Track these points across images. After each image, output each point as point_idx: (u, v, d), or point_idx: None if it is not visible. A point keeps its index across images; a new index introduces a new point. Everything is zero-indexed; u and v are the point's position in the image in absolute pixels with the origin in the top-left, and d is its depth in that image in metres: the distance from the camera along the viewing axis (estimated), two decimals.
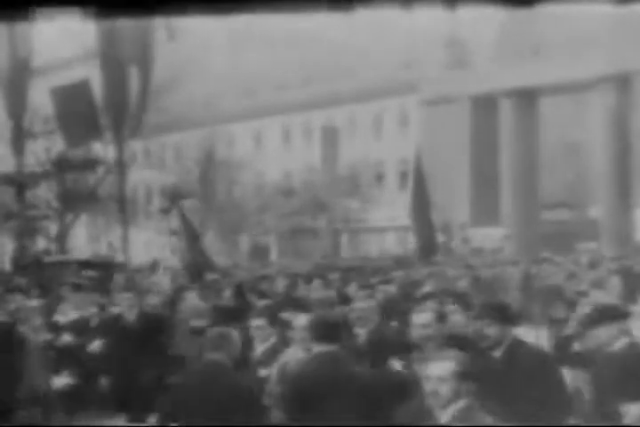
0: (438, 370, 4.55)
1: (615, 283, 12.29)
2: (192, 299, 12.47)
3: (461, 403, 4.53)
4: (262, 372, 7.25)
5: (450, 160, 42.61)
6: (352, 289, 12.55)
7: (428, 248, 22.00)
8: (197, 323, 11.03)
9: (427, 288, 12.62)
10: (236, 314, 11.39)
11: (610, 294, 11.22)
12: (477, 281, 15.56)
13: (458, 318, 7.55)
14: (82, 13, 3.76)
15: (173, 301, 12.69)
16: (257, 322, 7.72)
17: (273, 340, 7.59)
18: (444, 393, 4.51)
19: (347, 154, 46.32)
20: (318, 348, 6.14)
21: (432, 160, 43.95)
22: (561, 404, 6.04)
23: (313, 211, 45.85)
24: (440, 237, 42.22)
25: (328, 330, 6.19)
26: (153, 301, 12.05)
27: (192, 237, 16.49)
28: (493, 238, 40.47)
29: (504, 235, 40.84)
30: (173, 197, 28.68)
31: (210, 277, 15.17)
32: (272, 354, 7.43)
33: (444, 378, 4.51)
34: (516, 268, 19.86)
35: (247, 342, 7.85)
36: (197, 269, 15.80)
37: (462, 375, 4.54)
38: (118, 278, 18.23)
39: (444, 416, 4.54)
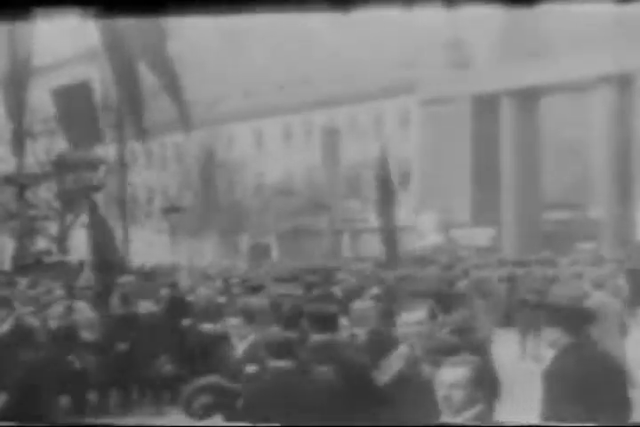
0: (451, 376, 4.51)
1: (621, 284, 12.23)
2: (83, 309, 11.61)
3: (475, 409, 4.49)
4: (248, 369, 7.26)
5: (450, 160, 42.59)
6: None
7: (390, 252, 21.71)
8: (88, 335, 10.46)
9: (374, 291, 12.32)
10: (125, 324, 11.01)
11: (615, 295, 11.18)
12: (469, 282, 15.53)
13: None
14: (82, 13, 3.76)
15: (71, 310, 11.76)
16: (233, 321, 7.74)
17: (252, 337, 7.61)
18: (457, 400, 4.46)
19: (347, 154, 46.30)
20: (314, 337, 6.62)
21: (433, 160, 44.02)
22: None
23: (314, 211, 45.84)
24: (439, 238, 42.40)
25: (325, 322, 6.69)
26: (57, 309, 11.22)
27: (103, 233, 15.65)
28: (481, 238, 40.45)
29: (492, 235, 40.84)
30: (86, 190, 28.30)
31: (124, 279, 14.43)
32: (254, 352, 7.47)
33: (458, 384, 4.46)
34: (503, 270, 19.85)
35: (226, 341, 7.84)
36: (106, 268, 15.10)
37: (477, 381, 4.50)
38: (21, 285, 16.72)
39: (457, 422, 4.49)
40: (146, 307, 11.70)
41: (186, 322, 11.73)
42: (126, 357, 10.75)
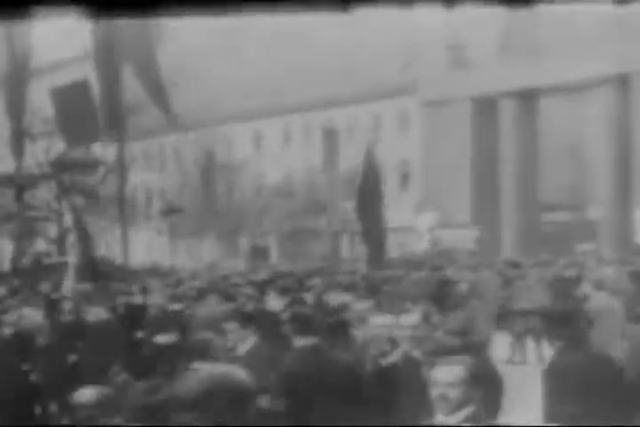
0: (447, 375, 4.48)
1: (623, 286, 12.21)
2: (31, 315, 10.90)
3: (470, 409, 4.46)
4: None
5: (450, 161, 42.60)
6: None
7: (376, 253, 21.10)
8: (40, 342, 9.97)
9: (343, 297, 12.11)
10: (75, 331, 10.60)
11: (615, 297, 11.16)
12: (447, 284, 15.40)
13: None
14: (80, 13, 3.73)
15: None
16: (230, 326, 7.93)
17: (251, 340, 7.78)
18: (452, 398, 4.43)
19: (347, 155, 46.31)
20: (299, 341, 6.68)
21: (432, 161, 44.03)
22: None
23: (313, 212, 45.84)
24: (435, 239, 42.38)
25: (305, 324, 6.73)
26: (11, 316, 10.71)
27: (83, 237, 15.74)
28: (466, 240, 40.50)
29: (476, 236, 40.87)
30: (64, 191, 28.33)
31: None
32: (257, 353, 7.56)
33: (453, 383, 4.44)
34: (490, 271, 19.79)
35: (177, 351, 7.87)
36: (88, 271, 14.96)
37: (472, 381, 4.48)
38: None
39: (452, 422, 4.46)
40: (96, 314, 11.11)
41: (139, 332, 11.18)
42: (76, 366, 10.29)
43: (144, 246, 43.87)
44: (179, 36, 41.37)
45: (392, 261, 25.44)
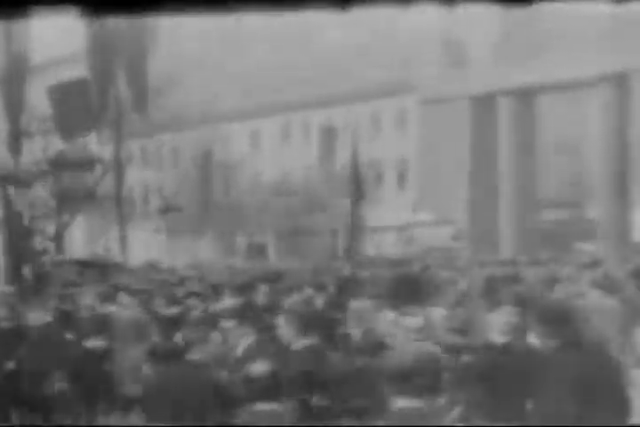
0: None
1: (623, 285, 12.18)
2: None
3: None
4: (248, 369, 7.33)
5: (448, 159, 42.59)
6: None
7: (351, 250, 21.56)
8: None
9: (305, 295, 11.73)
10: (12, 338, 10.24)
11: (613, 295, 11.13)
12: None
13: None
14: (78, 12, 3.72)
15: None
16: (229, 323, 7.86)
17: (250, 338, 7.67)
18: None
19: (345, 153, 46.33)
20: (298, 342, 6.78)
21: (431, 160, 44.01)
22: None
23: (311, 210, 45.84)
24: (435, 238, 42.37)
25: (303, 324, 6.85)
26: None
27: (19, 232, 15.16)
28: (441, 238, 40.50)
29: (452, 234, 40.89)
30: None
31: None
32: (255, 351, 7.54)
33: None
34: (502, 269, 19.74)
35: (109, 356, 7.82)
36: (17, 272, 14.49)
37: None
38: None
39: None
40: (36, 318, 10.66)
41: (69, 335, 10.73)
42: (14, 375, 9.92)
43: (141, 244, 43.86)
44: (177, 34, 41.33)
45: (375, 260, 25.59)
